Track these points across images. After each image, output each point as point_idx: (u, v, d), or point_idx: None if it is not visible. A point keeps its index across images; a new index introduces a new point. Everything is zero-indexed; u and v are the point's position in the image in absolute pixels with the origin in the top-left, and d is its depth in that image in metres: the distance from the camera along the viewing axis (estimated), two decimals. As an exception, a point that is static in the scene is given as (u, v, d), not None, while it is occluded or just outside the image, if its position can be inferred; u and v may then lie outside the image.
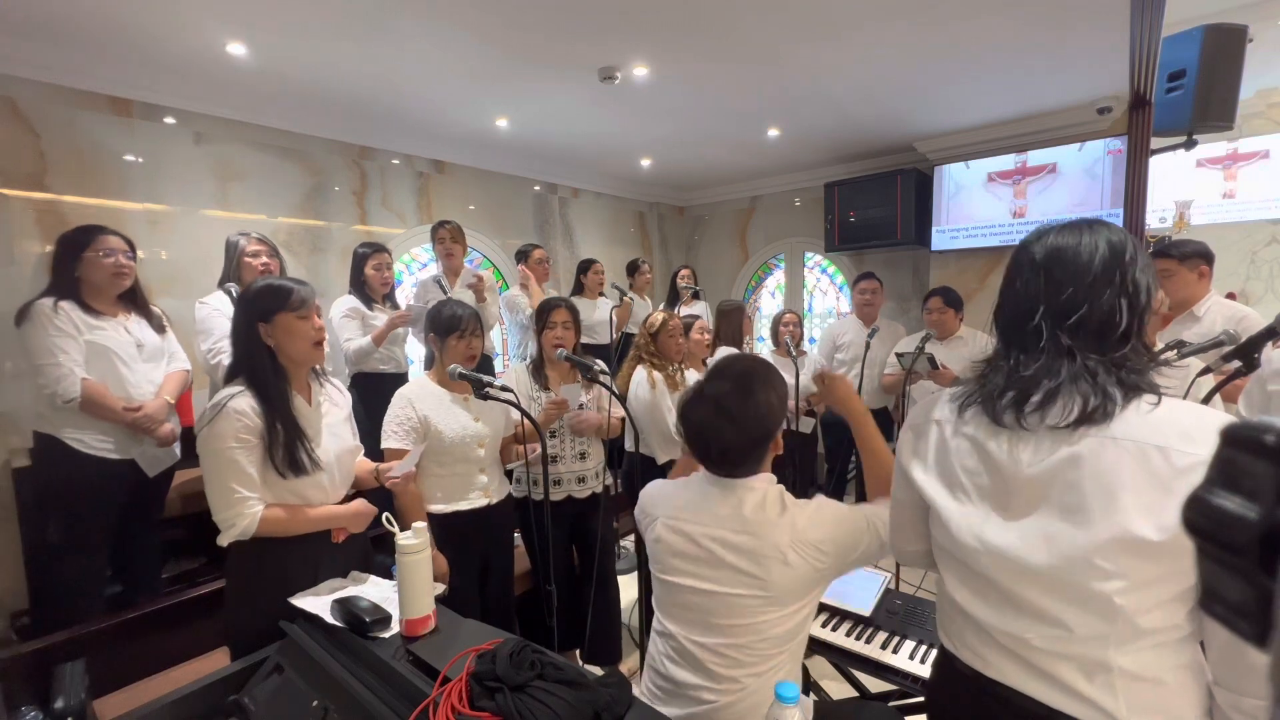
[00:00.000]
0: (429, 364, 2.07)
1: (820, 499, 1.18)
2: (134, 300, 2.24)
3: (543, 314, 2.28)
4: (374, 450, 1.90)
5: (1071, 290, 0.81)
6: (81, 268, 2.07)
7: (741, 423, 1.13)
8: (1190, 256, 2.33)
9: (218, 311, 2.40)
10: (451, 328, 1.95)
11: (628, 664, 2.49)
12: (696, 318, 3.01)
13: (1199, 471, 0.69)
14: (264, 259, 2.49)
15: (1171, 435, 0.72)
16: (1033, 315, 0.84)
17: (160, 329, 2.30)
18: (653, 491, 1.30)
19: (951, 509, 0.90)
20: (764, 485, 1.17)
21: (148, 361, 2.21)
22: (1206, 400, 1.54)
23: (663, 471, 2.46)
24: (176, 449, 2.30)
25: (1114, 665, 0.76)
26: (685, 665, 1.17)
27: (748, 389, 1.14)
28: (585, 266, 4.06)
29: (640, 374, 2.62)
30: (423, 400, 1.92)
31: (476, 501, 1.98)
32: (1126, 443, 0.74)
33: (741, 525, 1.12)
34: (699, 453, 1.19)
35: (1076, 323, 0.81)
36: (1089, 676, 0.78)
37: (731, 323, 3.41)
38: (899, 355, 3.10)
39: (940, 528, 0.93)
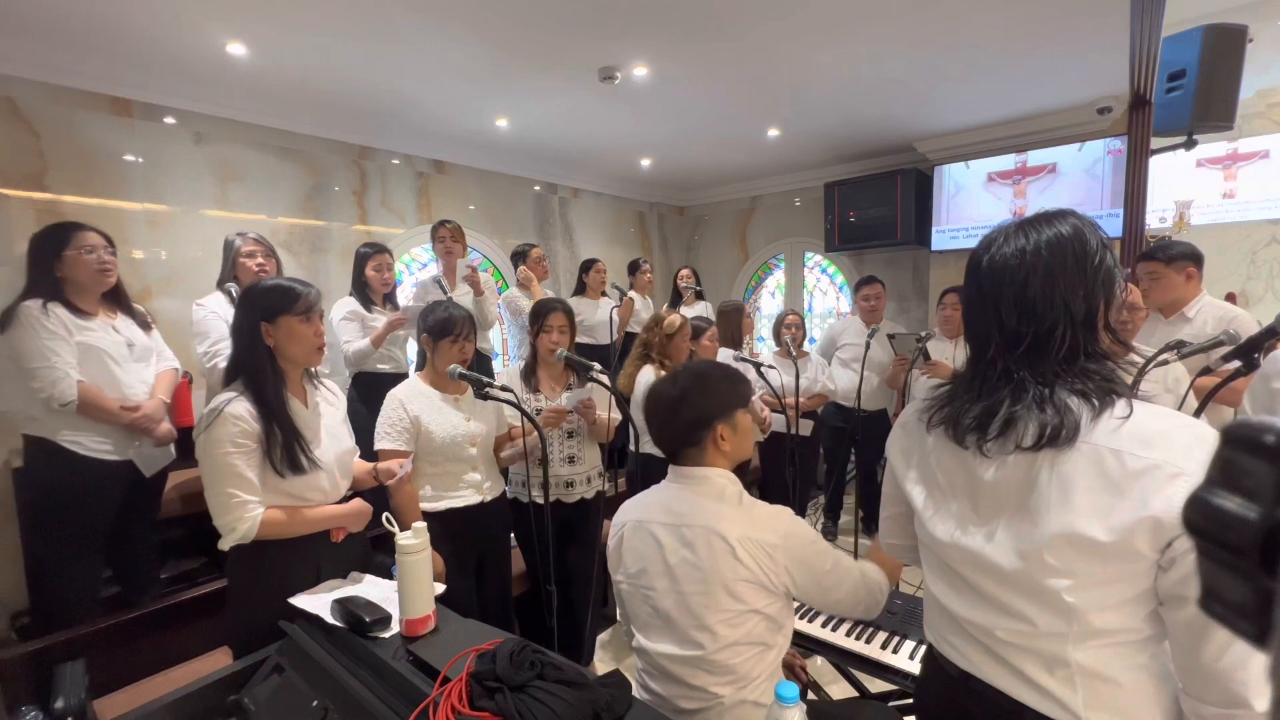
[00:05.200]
0: (420, 364, 2.06)
1: (789, 511, 1.21)
2: (118, 299, 2.18)
3: (538, 317, 2.25)
4: (372, 449, 1.90)
5: (1014, 320, 0.81)
6: (63, 267, 2.00)
7: (672, 405, 1.26)
8: (1177, 258, 2.33)
9: (214, 314, 2.37)
10: (445, 330, 1.95)
11: (627, 663, 2.49)
12: (708, 321, 2.99)
13: (1152, 475, 0.69)
14: (259, 259, 2.45)
15: (1128, 439, 0.73)
16: (988, 346, 0.85)
17: (146, 326, 2.26)
18: (625, 504, 1.35)
19: (927, 506, 0.92)
20: (721, 479, 1.23)
21: (138, 361, 2.18)
22: (1205, 402, 1.53)
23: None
24: (172, 449, 2.29)
25: (1072, 661, 0.77)
26: (659, 678, 1.20)
27: (680, 383, 1.29)
28: (587, 266, 4.05)
29: (649, 373, 2.60)
30: (413, 401, 1.92)
31: (470, 498, 1.98)
32: (1084, 446, 0.75)
33: (698, 516, 1.17)
34: (652, 437, 1.32)
35: (1024, 351, 0.81)
36: (1050, 671, 0.79)
37: (730, 323, 3.40)
38: (890, 337, 3.10)
39: (919, 524, 0.95)
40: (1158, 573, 0.71)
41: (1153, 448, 0.71)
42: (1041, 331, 0.80)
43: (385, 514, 1.34)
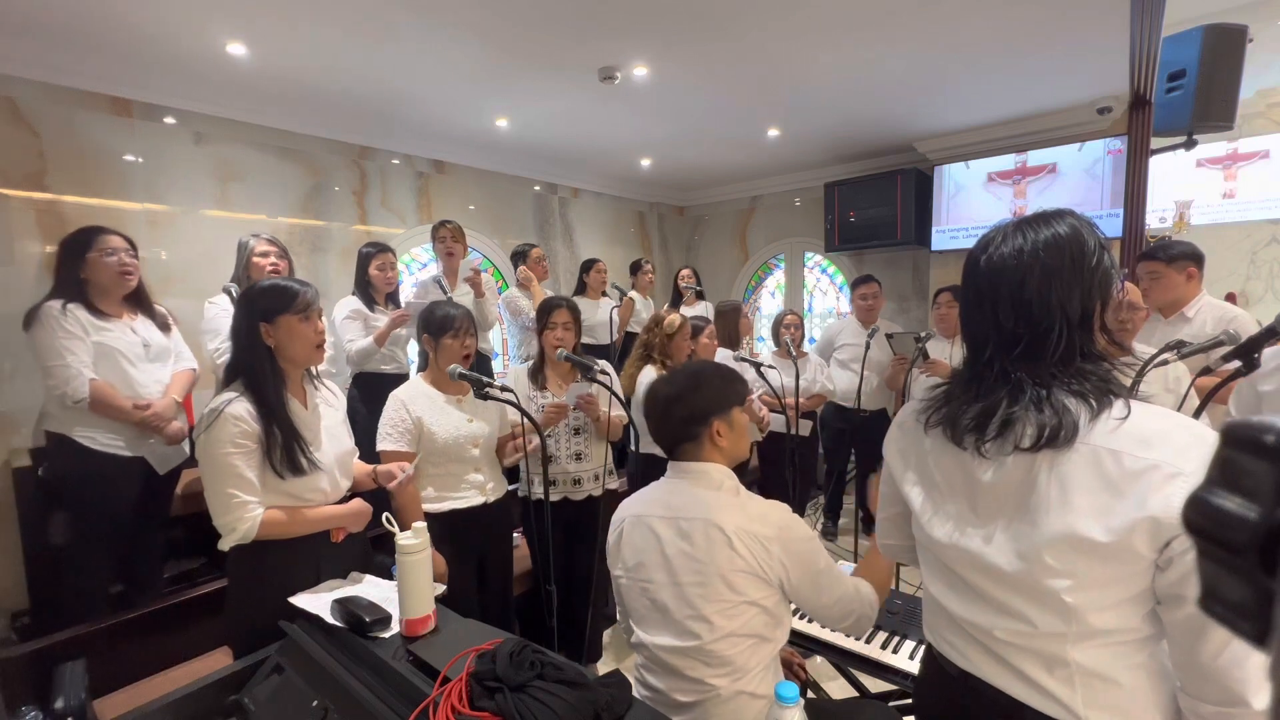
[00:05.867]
0: (422, 365, 2.07)
1: (785, 507, 1.22)
2: (139, 300, 2.25)
3: (543, 314, 2.27)
4: (373, 450, 1.90)
5: (1011, 321, 0.81)
6: (86, 269, 2.08)
7: (669, 403, 1.29)
8: (1178, 258, 2.33)
9: (225, 311, 2.40)
10: (445, 327, 1.95)
11: (627, 663, 2.49)
12: (706, 320, 2.99)
13: (1150, 475, 0.69)
14: (273, 259, 2.49)
15: (1127, 440, 0.73)
16: (985, 346, 0.85)
17: (165, 328, 2.32)
18: (625, 501, 1.36)
19: (925, 506, 0.92)
20: (718, 473, 1.25)
21: (154, 361, 2.23)
22: (1205, 402, 1.54)
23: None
24: (185, 447, 2.32)
25: (1071, 661, 0.77)
26: (657, 671, 1.21)
27: (677, 381, 1.32)
28: (588, 266, 4.05)
29: (649, 373, 2.60)
30: (416, 402, 1.92)
31: (473, 500, 1.98)
32: (1082, 446, 0.75)
33: (695, 509, 1.19)
34: (651, 434, 1.35)
35: (1021, 353, 0.81)
36: (1049, 670, 0.79)
37: (728, 323, 3.40)
38: (889, 337, 3.10)
39: (918, 524, 0.95)
40: (1155, 572, 0.71)
41: (1151, 448, 0.71)
42: (1038, 332, 0.80)
43: (385, 514, 1.34)
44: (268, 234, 2.57)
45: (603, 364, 2.34)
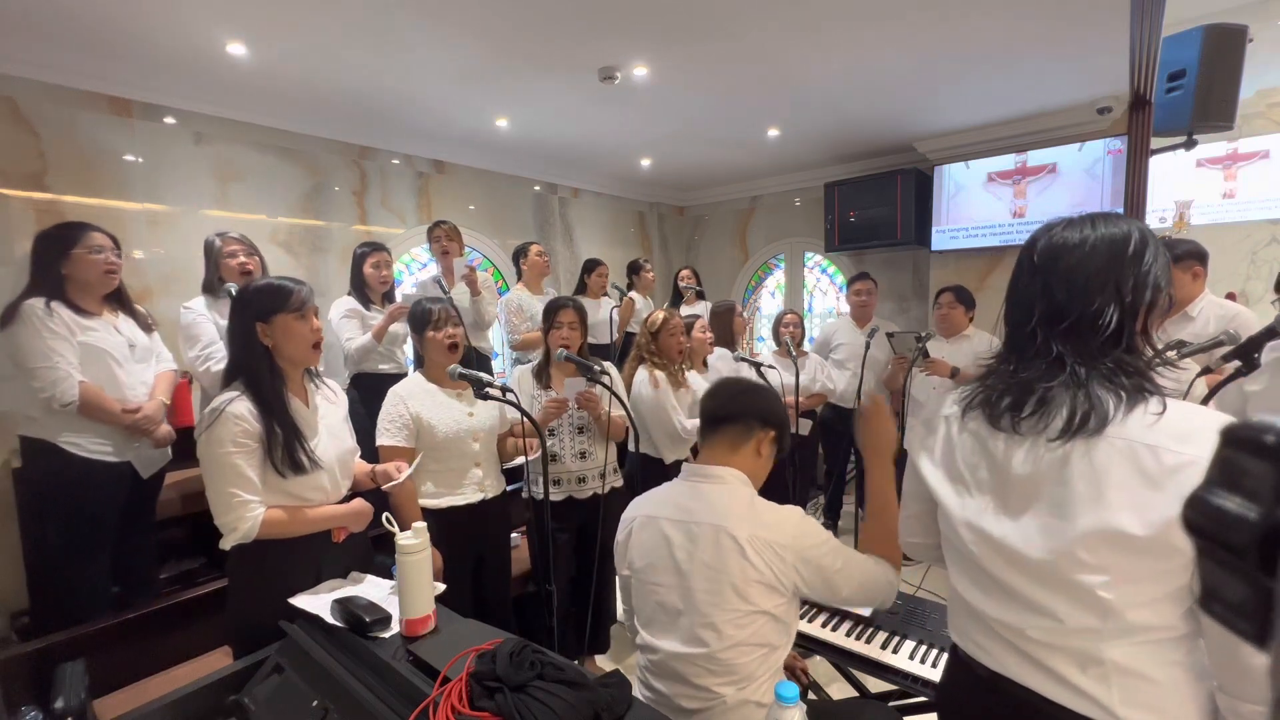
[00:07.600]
0: (419, 363, 2.07)
1: (799, 511, 1.21)
2: (120, 299, 2.17)
3: (549, 314, 2.27)
4: (373, 450, 1.89)
5: (1064, 294, 0.82)
6: (69, 265, 1.99)
7: (751, 389, 1.34)
8: (1184, 257, 2.33)
9: (202, 316, 2.34)
10: (424, 322, 1.96)
11: (627, 663, 2.49)
12: (697, 317, 3.00)
13: (1188, 471, 0.70)
14: (241, 258, 2.41)
15: (1163, 435, 0.73)
16: (1030, 319, 0.85)
17: (147, 328, 2.26)
18: (636, 500, 1.35)
19: (953, 502, 0.92)
20: (735, 479, 1.24)
21: (139, 362, 2.17)
22: (1205, 401, 1.54)
23: (667, 472, 2.46)
24: (169, 450, 2.28)
25: (1106, 659, 0.77)
26: (663, 676, 1.20)
27: (763, 386, 1.38)
28: (590, 267, 4.03)
29: (642, 374, 2.62)
30: (415, 397, 1.92)
31: (472, 496, 1.98)
32: (1118, 441, 0.75)
33: (707, 513, 1.18)
34: (704, 404, 1.35)
35: (1068, 328, 0.81)
36: (1082, 668, 0.79)
37: (722, 323, 3.40)
38: (890, 336, 3.09)
39: (945, 521, 0.95)
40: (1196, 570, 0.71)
41: (1188, 443, 0.71)
42: (1087, 311, 0.81)
43: (385, 514, 1.34)
44: (234, 232, 2.49)
45: (606, 365, 2.34)
